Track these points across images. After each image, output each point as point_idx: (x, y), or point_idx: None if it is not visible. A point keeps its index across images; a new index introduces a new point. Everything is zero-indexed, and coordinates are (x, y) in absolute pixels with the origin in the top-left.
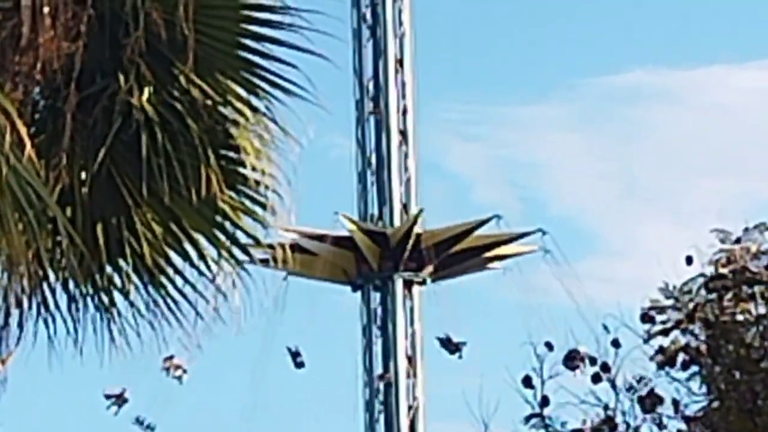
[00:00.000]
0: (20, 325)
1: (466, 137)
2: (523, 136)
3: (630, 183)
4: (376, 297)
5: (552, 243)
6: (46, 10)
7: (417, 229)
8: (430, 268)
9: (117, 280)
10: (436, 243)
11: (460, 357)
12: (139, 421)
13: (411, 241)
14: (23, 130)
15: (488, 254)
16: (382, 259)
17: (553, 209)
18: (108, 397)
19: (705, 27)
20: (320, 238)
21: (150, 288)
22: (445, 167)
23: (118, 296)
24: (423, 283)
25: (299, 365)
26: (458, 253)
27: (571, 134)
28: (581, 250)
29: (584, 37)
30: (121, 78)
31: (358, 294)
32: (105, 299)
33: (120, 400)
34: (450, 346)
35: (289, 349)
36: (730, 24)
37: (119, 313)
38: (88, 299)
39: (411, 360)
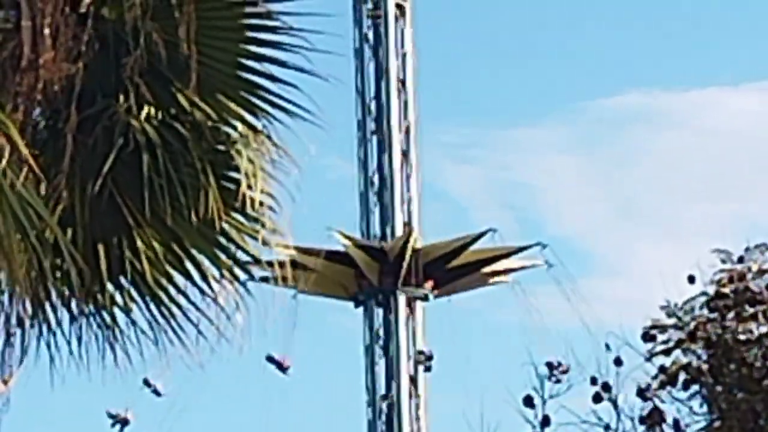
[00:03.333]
0: (23, 345)
1: (463, 159)
2: (520, 158)
3: (626, 204)
4: (378, 314)
5: (553, 257)
6: (46, 31)
7: (416, 245)
8: (430, 284)
9: (119, 298)
10: (435, 258)
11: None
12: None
13: (408, 256)
14: (24, 151)
15: (490, 269)
16: (382, 275)
17: (550, 231)
18: (111, 416)
19: (700, 49)
20: (319, 254)
21: (152, 307)
22: (443, 189)
23: (120, 315)
24: (425, 299)
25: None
26: (459, 268)
27: (567, 156)
28: (578, 271)
29: (579, 60)
30: (122, 98)
31: (361, 313)
32: (107, 318)
33: (122, 420)
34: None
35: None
36: (725, 46)
37: (121, 332)
38: (91, 318)
39: (414, 380)
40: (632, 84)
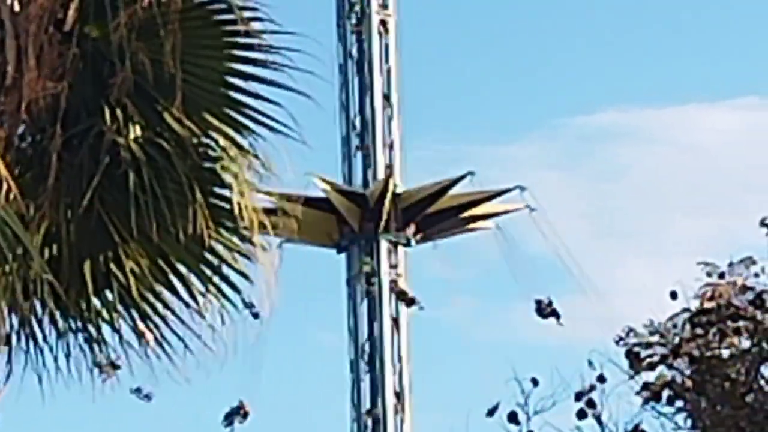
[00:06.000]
0: (9, 362)
1: (445, 176)
2: (502, 174)
3: (607, 221)
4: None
5: (533, 201)
6: (31, 50)
7: (397, 190)
8: (412, 228)
9: (105, 314)
10: (415, 202)
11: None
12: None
13: (389, 201)
14: (4, 172)
15: (470, 214)
16: (362, 220)
17: (532, 247)
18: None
19: (677, 67)
20: (299, 200)
21: (138, 322)
22: None
23: (107, 331)
24: (408, 244)
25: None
26: (439, 213)
27: (548, 172)
28: (559, 289)
29: (558, 77)
30: (107, 117)
31: (347, 330)
32: (93, 333)
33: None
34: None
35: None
36: (702, 64)
37: (107, 346)
38: (78, 333)
39: (399, 396)
40: (610, 101)
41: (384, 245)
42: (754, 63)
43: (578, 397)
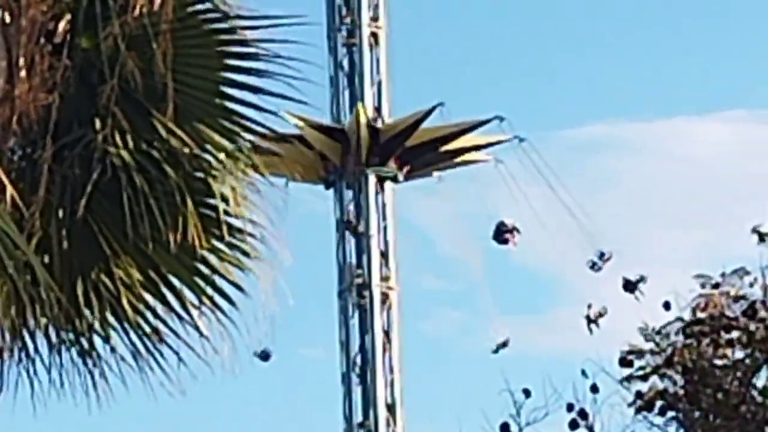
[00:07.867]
0: (0, 375)
1: (431, 190)
2: (488, 189)
3: (594, 234)
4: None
5: (510, 128)
6: (22, 62)
7: (378, 124)
8: (394, 162)
9: (97, 326)
10: (394, 135)
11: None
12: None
13: (366, 132)
14: (4, 179)
15: (460, 146)
16: (343, 155)
17: (518, 261)
18: None
19: (664, 80)
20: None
21: (131, 334)
22: (409, 220)
23: (100, 343)
24: (395, 180)
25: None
26: (422, 146)
27: (534, 187)
28: (548, 301)
29: (545, 91)
30: (98, 127)
31: (338, 348)
32: (86, 345)
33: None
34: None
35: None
36: (687, 77)
37: (100, 358)
38: (70, 345)
39: (391, 408)
40: (598, 115)
41: (372, 180)
42: (739, 76)
43: (570, 407)
